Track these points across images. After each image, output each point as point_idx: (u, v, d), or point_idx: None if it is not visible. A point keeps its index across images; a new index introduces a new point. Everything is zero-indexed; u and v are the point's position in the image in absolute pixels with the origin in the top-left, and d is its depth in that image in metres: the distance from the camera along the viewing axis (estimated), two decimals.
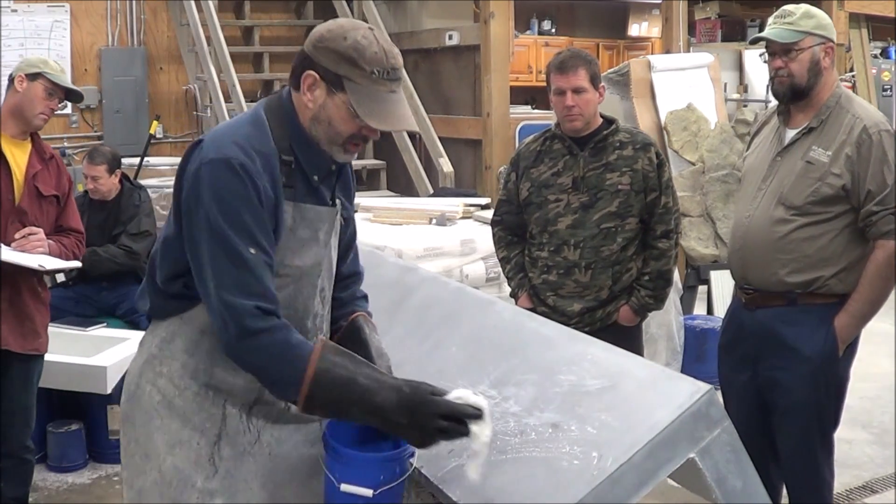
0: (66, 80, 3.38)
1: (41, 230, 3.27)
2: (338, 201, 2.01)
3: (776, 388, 2.87)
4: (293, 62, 1.93)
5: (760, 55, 2.95)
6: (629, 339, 3.27)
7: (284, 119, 1.91)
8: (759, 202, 2.89)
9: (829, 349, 2.81)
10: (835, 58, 2.88)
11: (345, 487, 1.81)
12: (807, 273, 2.81)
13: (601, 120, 3.30)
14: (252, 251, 1.78)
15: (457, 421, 1.73)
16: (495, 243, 3.54)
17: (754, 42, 2.97)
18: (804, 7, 2.86)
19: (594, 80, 3.21)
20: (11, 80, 3.29)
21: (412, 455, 1.85)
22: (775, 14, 2.89)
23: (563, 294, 3.28)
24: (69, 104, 5.51)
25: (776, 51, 2.84)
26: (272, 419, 1.96)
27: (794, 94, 2.84)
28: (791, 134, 2.88)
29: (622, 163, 3.23)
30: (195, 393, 1.91)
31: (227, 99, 7.31)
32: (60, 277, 4.82)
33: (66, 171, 3.50)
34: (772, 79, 2.88)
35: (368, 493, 1.79)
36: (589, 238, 3.23)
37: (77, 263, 3.46)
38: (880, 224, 2.73)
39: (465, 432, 1.74)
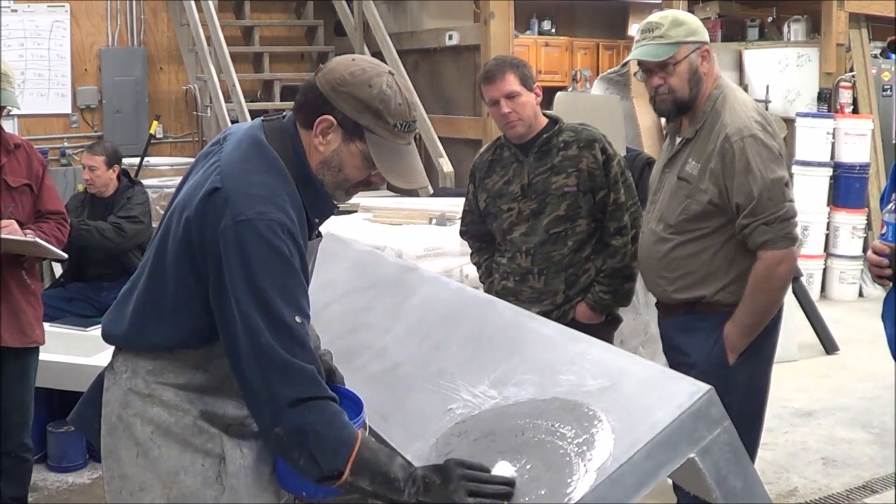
0: None
1: (13, 221, 3.20)
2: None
3: None
4: (302, 96, 1.84)
5: (635, 74, 2.82)
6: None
7: (293, 159, 1.83)
8: (648, 218, 2.88)
9: (715, 356, 2.73)
10: (712, 59, 2.74)
11: None
12: (692, 290, 2.76)
13: (546, 120, 3.24)
14: (297, 319, 1.72)
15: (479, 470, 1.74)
16: (469, 248, 3.57)
17: (624, 65, 2.85)
18: (671, 15, 2.72)
19: (525, 82, 3.14)
20: None
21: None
22: (642, 29, 2.73)
23: (521, 299, 3.24)
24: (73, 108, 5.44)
25: (651, 68, 2.71)
26: (245, 437, 1.94)
27: (679, 109, 2.73)
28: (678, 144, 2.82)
29: (567, 164, 3.17)
30: (195, 417, 1.88)
31: (227, 99, 7.31)
32: (57, 270, 4.79)
33: (37, 155, 3.43)
34: (652, 98, 2.75)
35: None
36: (539, 244, 3.20)
37: (62, 255, 3.40)
38: (755, 235, 2.64)
39: (487, 472, 1.74)
